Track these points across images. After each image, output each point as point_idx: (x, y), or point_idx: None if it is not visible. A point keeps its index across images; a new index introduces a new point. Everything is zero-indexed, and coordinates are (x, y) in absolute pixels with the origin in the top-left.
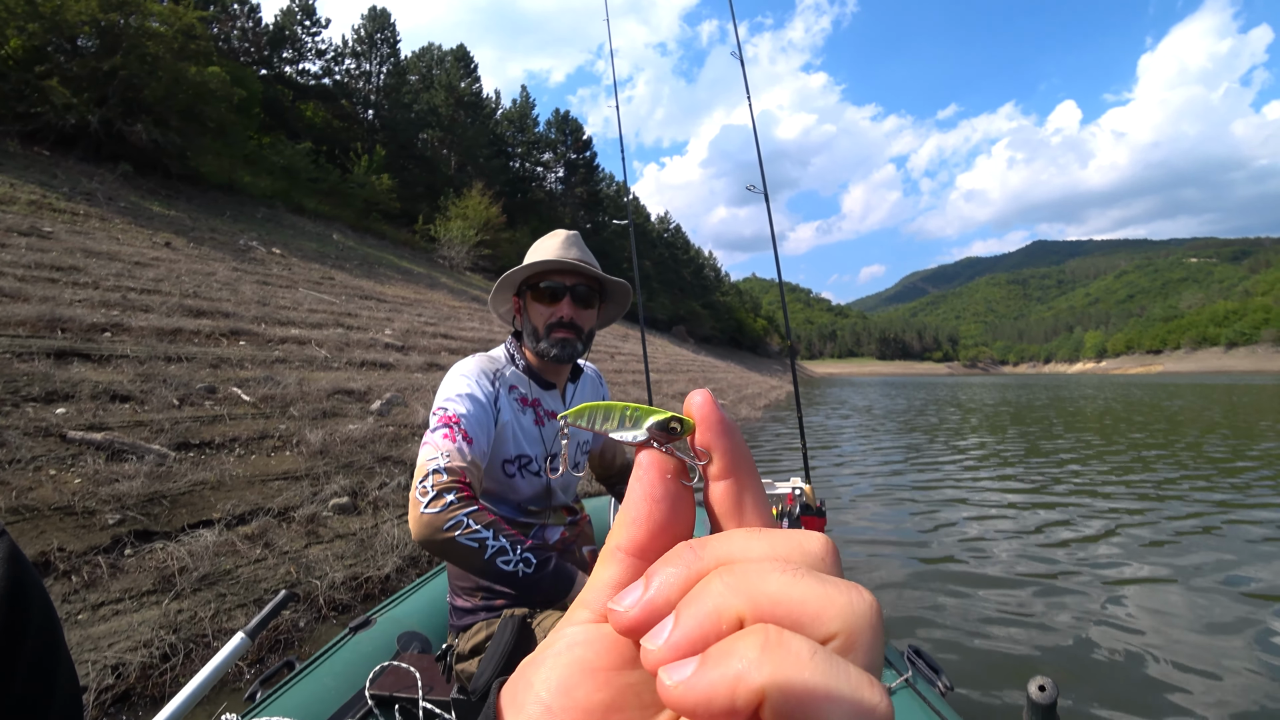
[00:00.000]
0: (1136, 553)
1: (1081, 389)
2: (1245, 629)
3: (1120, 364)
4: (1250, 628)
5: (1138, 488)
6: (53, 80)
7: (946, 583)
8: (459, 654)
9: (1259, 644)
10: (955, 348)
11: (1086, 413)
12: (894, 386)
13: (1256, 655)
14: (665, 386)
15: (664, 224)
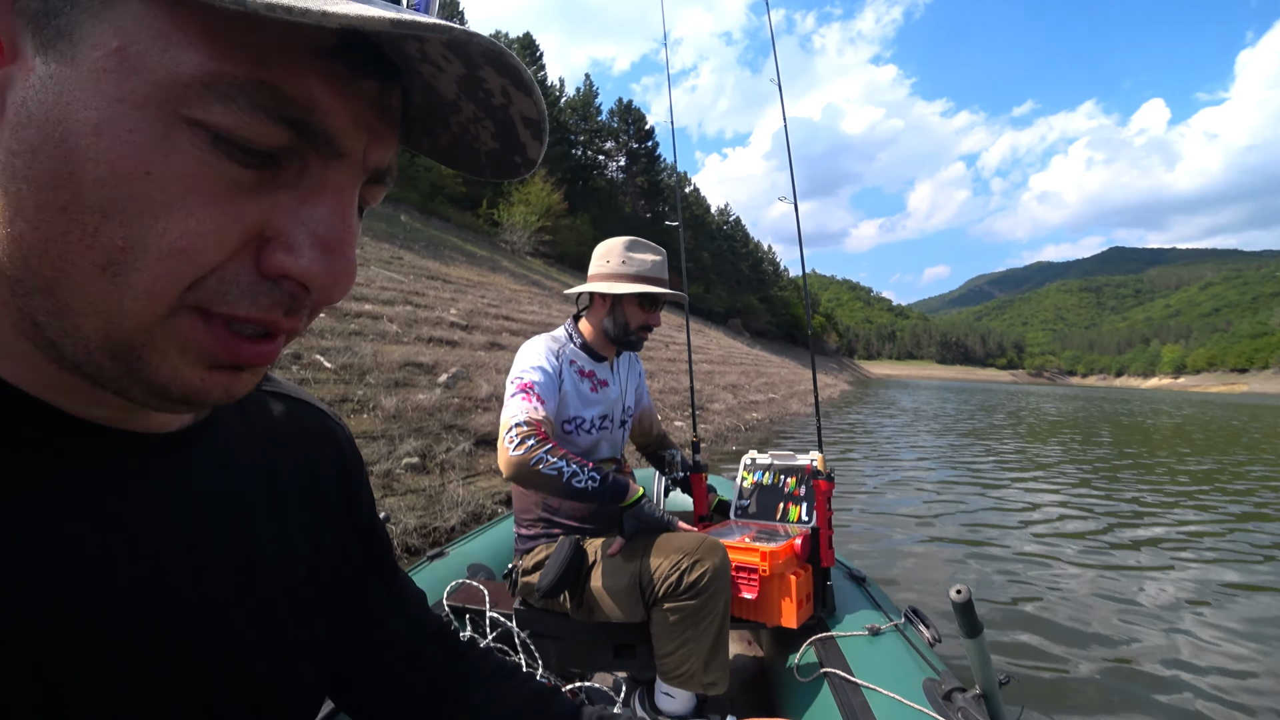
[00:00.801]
0: (1130, 552)
1: (1153, 405)
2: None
3: (1200, 381)
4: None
5: (1153, 501)
6: None
7: (939, 551)
8: (523, 570)
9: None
10: (1020, 355)
11: (1144, 428)
12: (950, 391)
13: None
14: (717, 378)
15: (723, 216)
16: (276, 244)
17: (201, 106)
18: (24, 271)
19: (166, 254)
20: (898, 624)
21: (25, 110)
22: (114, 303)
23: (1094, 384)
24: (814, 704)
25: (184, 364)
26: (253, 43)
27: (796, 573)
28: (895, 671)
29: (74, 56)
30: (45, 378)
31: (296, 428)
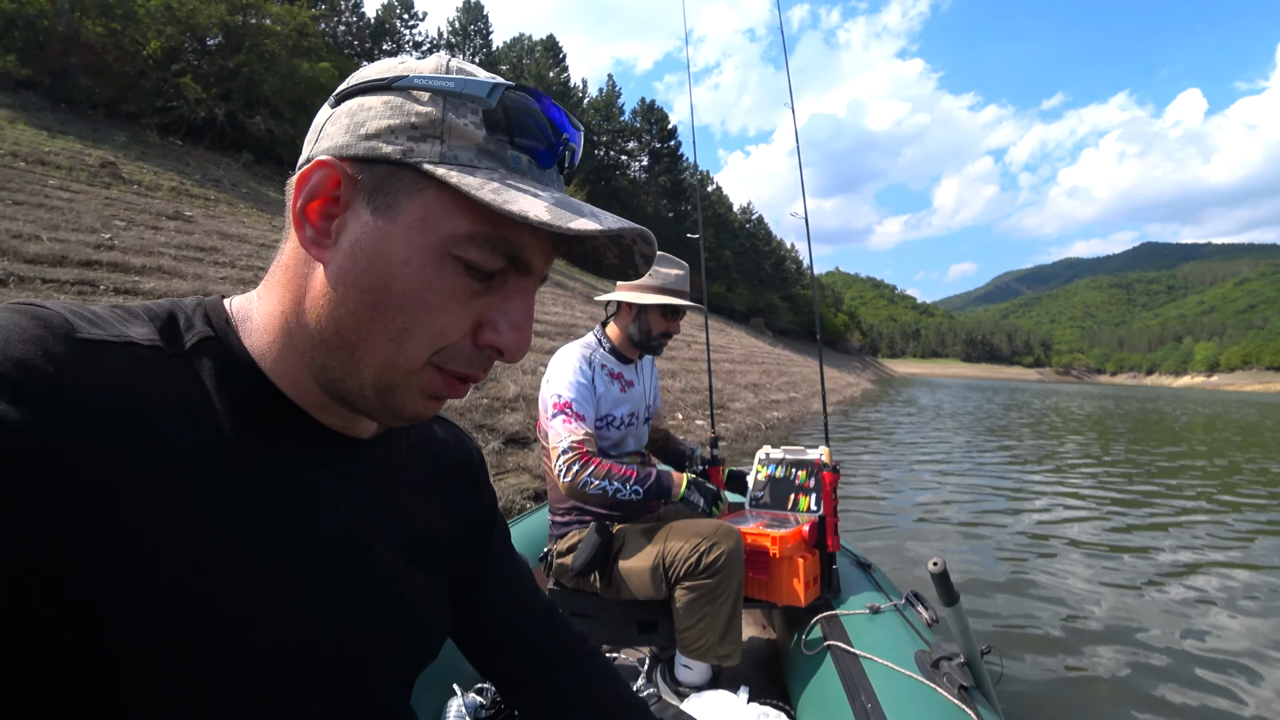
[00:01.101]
0: (1117, 537)
1: (1183, 404)
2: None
3: (1234, 379)
4: None
5: (1139, 493)
6: (186, 77)
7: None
8: (557, 552)
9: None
10: (1048, 353)
11: (1165, 425)
12: (974, 390)
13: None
14: (739, 377)
15: (746, 215)
16: (488, 327)
17: (463, 249)
18: (335, 337)
19: (430, 334)
20: (898, 604)
21: (359, 245)
22: (390, 361)
23: (1124, 382)
24: (817, 673)
25: (419, 398)
26: (494, 215)
27: (804, 556)
28: (891, 644)
29: (394, 218)
30: (312, 398)
31: (441, 439)
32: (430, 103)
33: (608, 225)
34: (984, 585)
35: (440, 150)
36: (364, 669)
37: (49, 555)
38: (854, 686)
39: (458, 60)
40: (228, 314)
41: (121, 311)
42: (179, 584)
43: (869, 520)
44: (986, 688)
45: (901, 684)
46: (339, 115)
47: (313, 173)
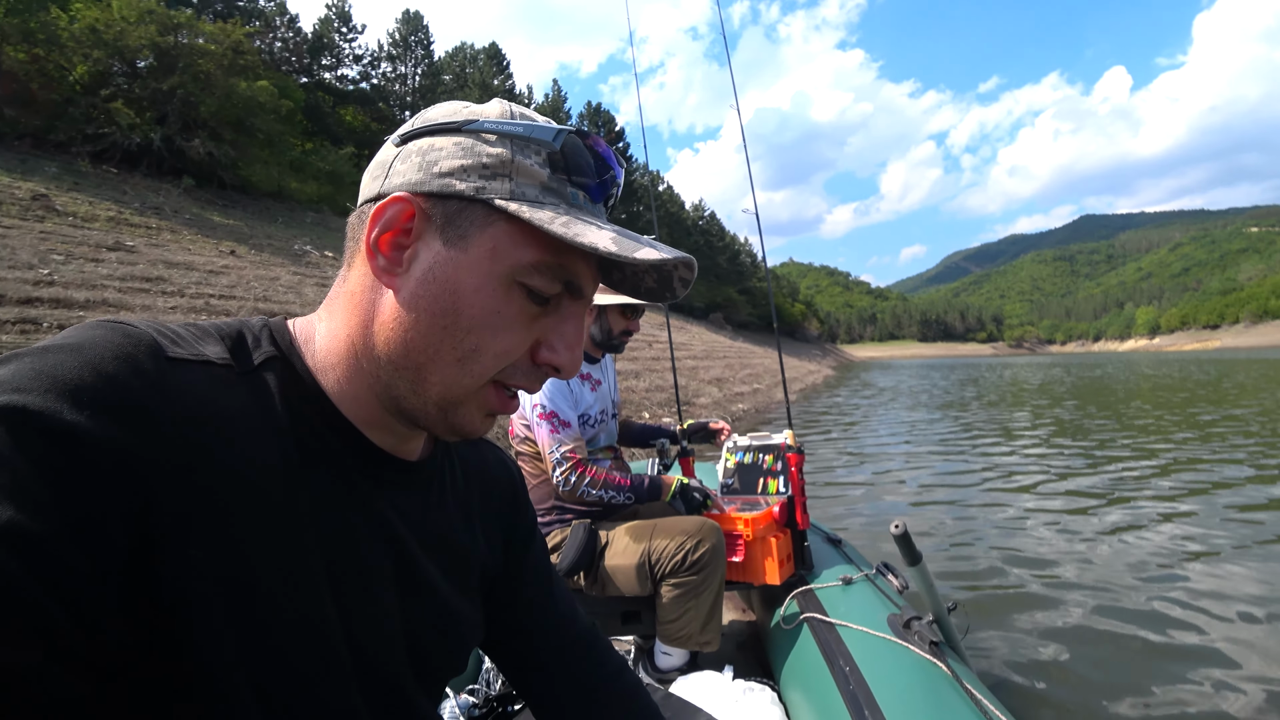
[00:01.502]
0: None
1: (1129, 367)
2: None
3: (1175, 340)
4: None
5: (1057, 449)
6: (117, 102)
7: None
8: None
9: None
10: (1000, 328)
11: (1108, 388)
12: (930, 369)
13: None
14: (701, 372)
15: (699, 212)
16: (544, 346)
17: (528, 276)
18: (403, 359)
19: (496, 355)
20: (869, 574)
21: (432, 273)
22: (456, 380)
23: (1073, 350)
24: (796, 645)
25: (478, 415)
26: (558, 245)
27: (776, 536)
28: (864, 611)
29: (466, 249)
30: (369, 418)
31: (483, 459)
32: (499, 144)
33: (664, 255)
34: (948, 548)
35: (510, 187)
36: (406, 682)
37: (140, 564)
38: (832, 653)
39: (518, 106)
40: (291, 335)
41: (195, 329)
42: (245, 593)
43: (837, 498)
44: (955, 642)
45: (876, 646)
46: (409, 154)
47: (388, 207)
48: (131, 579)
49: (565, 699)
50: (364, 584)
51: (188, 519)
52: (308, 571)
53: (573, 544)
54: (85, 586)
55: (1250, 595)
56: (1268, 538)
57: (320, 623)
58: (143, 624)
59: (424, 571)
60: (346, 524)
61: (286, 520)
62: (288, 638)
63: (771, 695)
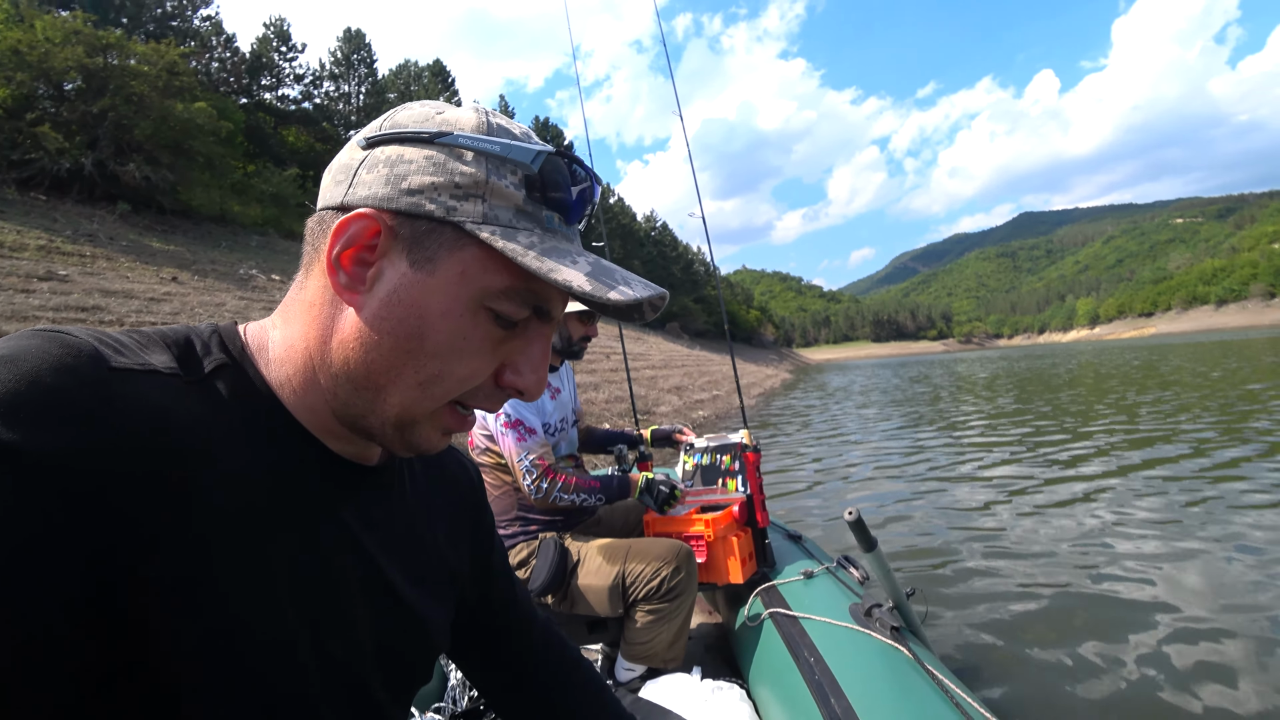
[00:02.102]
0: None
1: (1070, 357)
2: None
3: (1114, 329)
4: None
5: (990, 426)
6: (44, 126)
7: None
8: None
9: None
10: (949, 325)
11: (1051, 376)
12: (883, 368)
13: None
14: (661, 382)
15: (650, 223)
16: (509, 369)
17: (496, 301)
18: (363, 379)
19: (460, 379)
20: (829, 567)
21: (396, 295)
22: (416, 402)
23: (1020, 343)
24: (761, 641)
25: (436, 433)
26: (526, 271)
27: (738, 535)
28: (826, 603)
29: (433, 272)
30: (326, 427)
31: (441, 461)
32: (474, 163)
33: (639, 294)
34: (905, 535)
35: (483, 210)
36: (376, 691)
37: (95, 582)
38: (796, 646)
39: (497, 116)
40: (243, 341)
41: (139, 337)
42: (211, 606)
43: (795, 495)
44: (915, 626)
45: (839, 635)
46: (376, 163)
47: (352, 223)
48: (91, 599)
49: (532, 699)
50: (332, 594)
51: (147, 534)
52: (273, 584)
53: (545, 562)
54: (36, 609)
55: (1196, 564)
56: (1214, 509)
57: (287, 634)
58: (105, 645)
59: (390, 577)
60: (309, 532)
61: (249, 532)
62: (255, 650)
63: (740, 693)
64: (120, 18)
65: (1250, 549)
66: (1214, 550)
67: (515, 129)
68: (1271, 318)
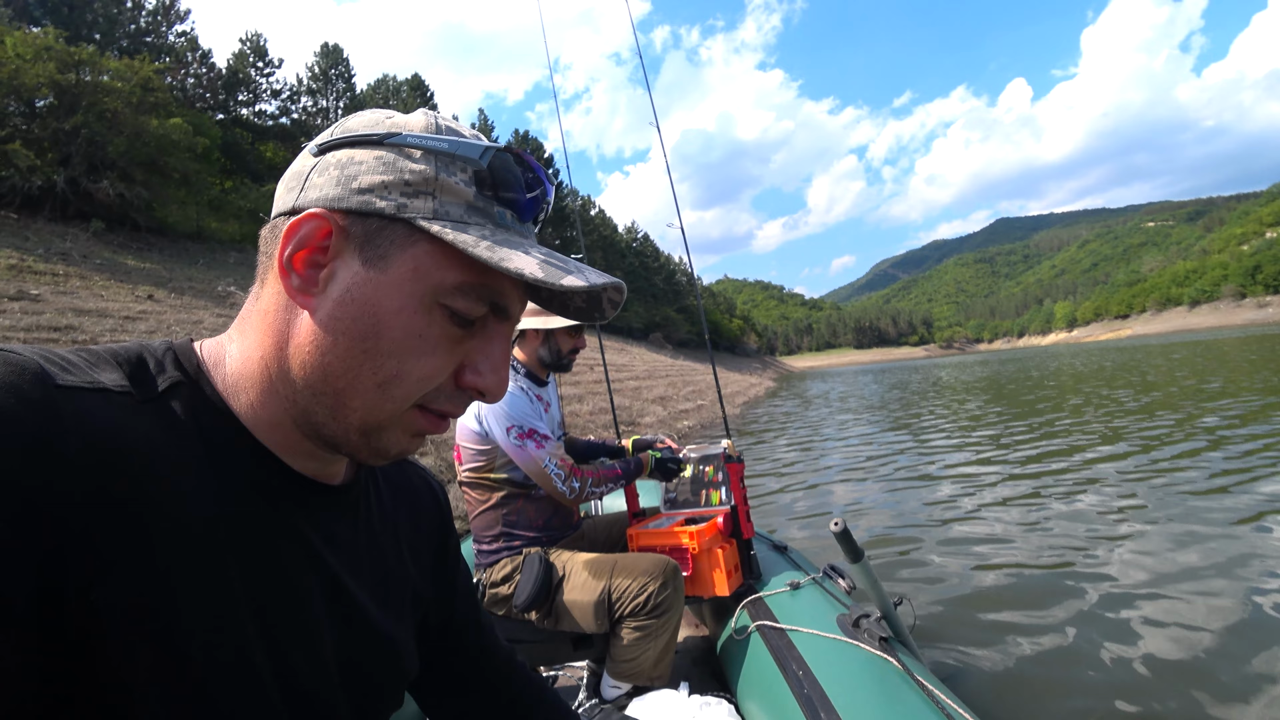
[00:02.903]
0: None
1: (1047, 359)
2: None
3: (1091, 331)
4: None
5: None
6: (15, 144)
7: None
8: (490, 583)
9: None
10: (930, 330)
11: (1039, 381)
12: (865, 374)
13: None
14: (645, 392)
15: (632, 234)
16: (469, 369)
17: (451, 298)
18: (321, 384)
19: (419, 379)
20: (815, 578)
21: (350, 294)
22: (378, 405)
23: (1000, 347)
24: (748, 654)
25: (403, 436)
26: (483, 266)
27: (723, 547)
28: (813, 614)
29: (385, 269)
30: (286, 443)
31: (409, 482)
32: (423, 160)
33: (593, 281)
34: (890, 544)
35: (433, 206)
36: (344, 718)
37: (41, 604)
38: (784, 658)
39: (445, 119)
40: (199, 358)
41: (87, 355)
42: (168, 631)
43: (781, 506)
44: (904, 636)
45: (827, 647)
46: (327, 166)
47: (304, 224)
48: (37, 621)
49: (484, 708)
50: (294, 615)
51: (100, 558)
52: (233, 606)
53: (529, 577)
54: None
55: (1178, 564)
56: (1200, 513)
57: (249, 659)
58: (54, 669)
59: (356, 599)
60: (272, 554)
61: (208, 554)
62: (215, 676)
63: (729, 708)
64: (93, 34)
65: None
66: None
67: (465, 130)
68: (1243, 317)
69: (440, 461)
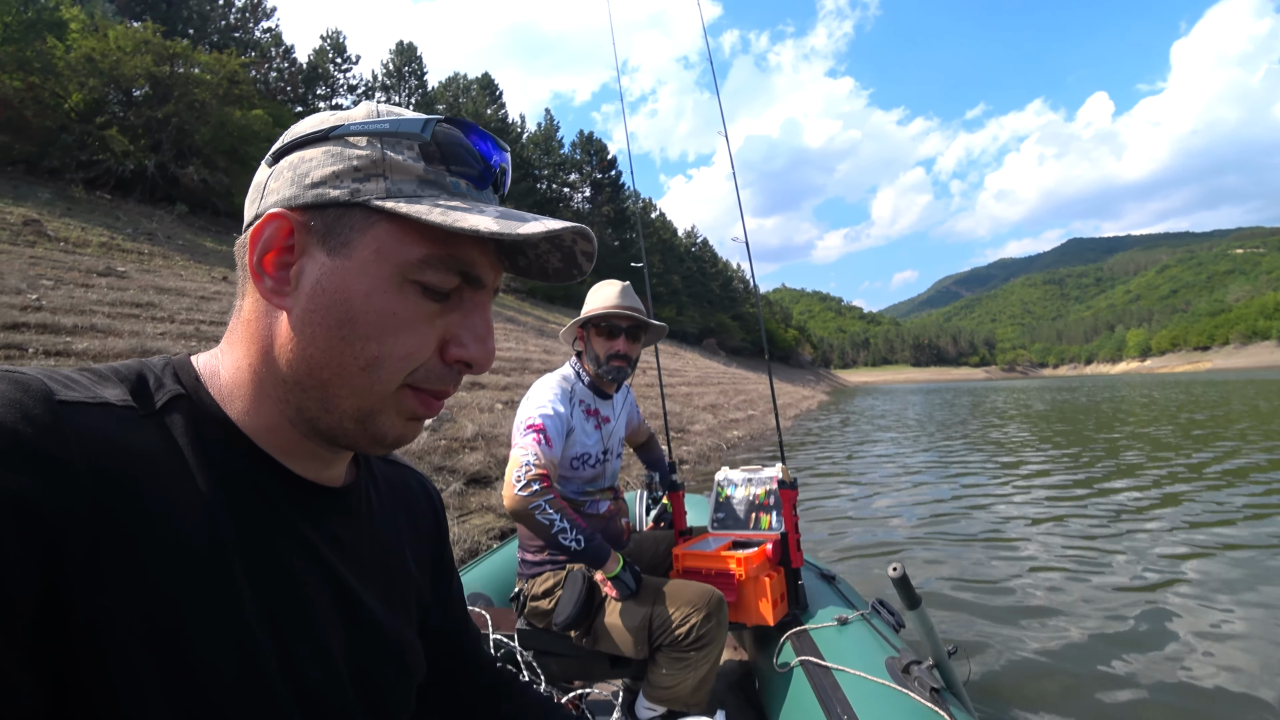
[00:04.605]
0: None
1: (1132, 390)
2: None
3: (1166, 362)
4: None
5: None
6: (112, 130)
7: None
8: (532, 595)
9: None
10: (992, 352)
11: (1112, 412)
12: (924, 393)
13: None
14: (696, 399)
15: (691, 239)
16: (454, 343)
17: (420, 273)
18: (307, 378)
19: (400, 359)
20: (864, 614)
21: (320, 285)
22: (367, 389)
23: (1065, 373)
24: (791, 690)
25: (398, 420)
26: (444, 236)
27: (770, 575)
28: (861, 654)
29: (350, 255)
30: (285, 447)
31: (406, 486)
32: (369, 145)
33: (551, 227)
34: (946, 585)
35: (385, 186)
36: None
37: (51, 618)
38: (829, 699)
39: (385, 105)
40: (196, 371)
41: (91, 374)
42: (180, 641)
43: (829, 531)
44: (957, 688)
45: (874, 692)
46: (281, 171)
47: (265, 226)
48: (41, 635)
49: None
50: (303, 620)
51: (102, 568)
52: (239, 613)
53: (571, 596)
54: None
55: (1263, 633)
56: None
57: (259, 666)
58: (57, 683)
59: (364, 602)
60: (277, 559)
61: (212, 561)
62: (224, 685)
63: None
64: (187, 29)
65: None
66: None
67: (406, 112)
68: None
69: (490, 458)
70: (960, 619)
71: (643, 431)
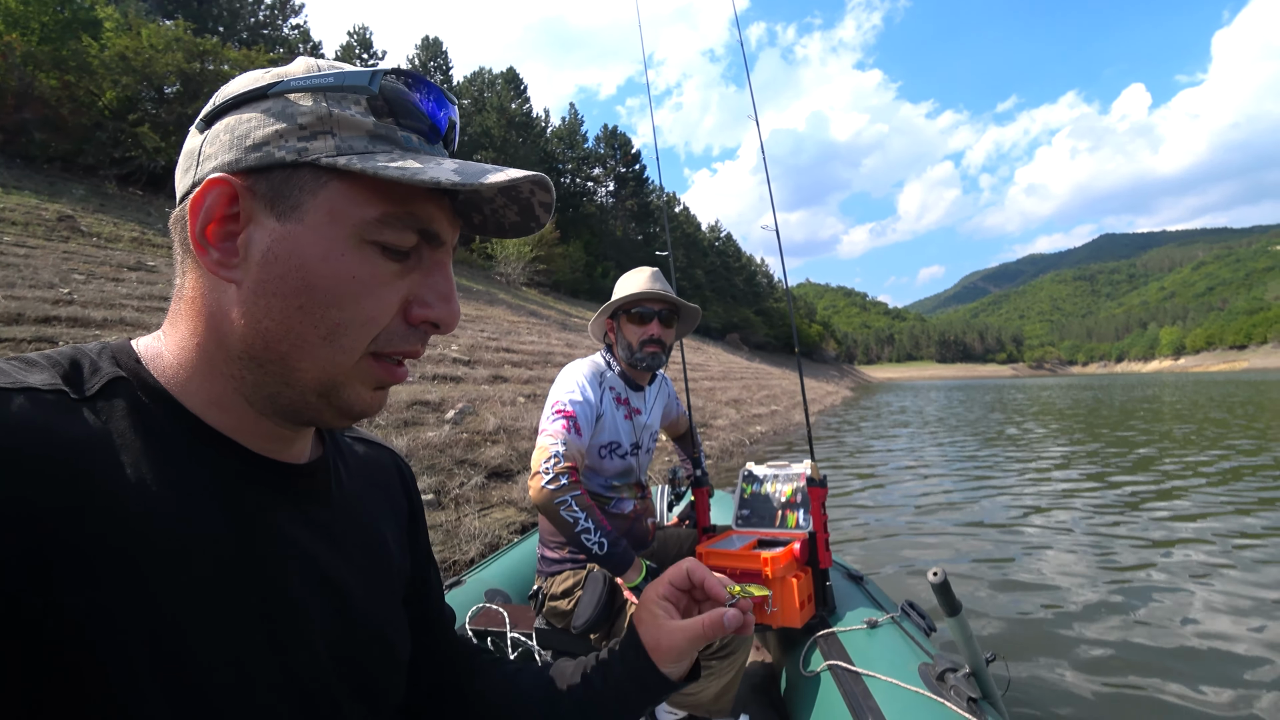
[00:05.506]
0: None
1: (1153, 388)
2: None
3: (1201, 361)
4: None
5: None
6: (144, 126)
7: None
8: (550, 594)
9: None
10: (1020, 349)
11: (1129, 410)
12: (950, 390)
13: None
14: (719, 394)
15: (715, 233)
16: (416, 304)
17: (377, 233)
18: (264, 352)
19: (363, 323)
20: (894, 616)
21: (272, 253)
22: (329, 359)
23: (1095, 371)
24: (819, 695)
25: (364, 390)
26: (402, 192)
27: (797, 575)
28: (892, 659)
29: (301, 219)
30: (240, 425)
31: (376, 463)
32: (314, 101)
33: (511, 175)
34: (982, 589)
35: (335, 144)
36: (345, 707)
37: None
38: (859, 707)
39: (325, 60)
40: (137, 354)
41: (20, 362)
42: (150, 636)
43: (856, 529)
44: (995, 698)
45: (908, 700)
46: (216, 135)
47: (205, 194)
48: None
49: (446, 689)
50: (278, 604)
51: (41, 564)
52: (211, 601)
53: (591, 598)
54: None
55: None
56: None
57: (240, 655)
58: (28, 683)
59: (342, 580)
60: (242, 543)
61: (166, 550)
62: (208, 675)
63: None
64: (217, 26)
65: None
66: None
67: (348, 66)
68: None
69: (512, 451)
70: (993, 625)
71: (682, 423)
